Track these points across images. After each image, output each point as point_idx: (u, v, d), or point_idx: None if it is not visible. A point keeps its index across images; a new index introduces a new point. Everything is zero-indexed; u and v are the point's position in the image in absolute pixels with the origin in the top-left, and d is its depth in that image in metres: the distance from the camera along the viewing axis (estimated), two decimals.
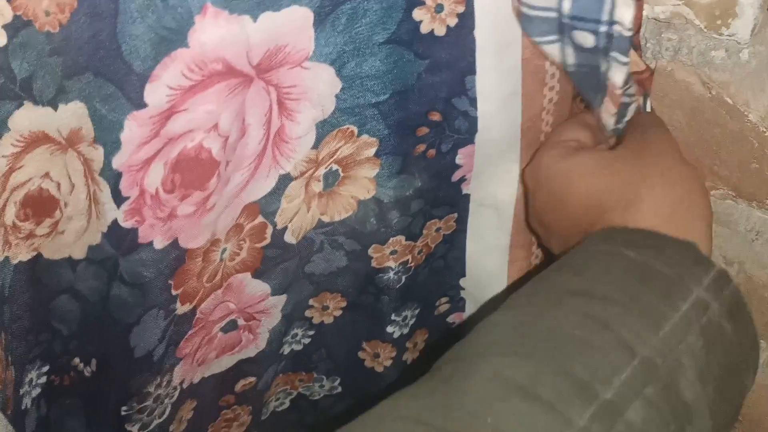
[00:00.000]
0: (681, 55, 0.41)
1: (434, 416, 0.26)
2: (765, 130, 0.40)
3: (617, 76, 0.35)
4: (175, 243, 0.37)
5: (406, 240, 0.43)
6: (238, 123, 0.34)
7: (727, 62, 0.40)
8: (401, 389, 0.29)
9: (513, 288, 0.45)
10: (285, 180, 0.39)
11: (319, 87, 0.35)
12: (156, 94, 0.31)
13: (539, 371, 0.27)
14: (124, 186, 0.33)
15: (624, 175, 0.35)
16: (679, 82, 0.42)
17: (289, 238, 0.41)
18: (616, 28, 0.33)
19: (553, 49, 0.36)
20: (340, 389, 0.51)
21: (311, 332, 0.47)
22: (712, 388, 0.29)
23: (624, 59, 0.34)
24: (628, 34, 0.33)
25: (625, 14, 0.33)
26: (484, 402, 0.27)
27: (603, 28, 0.33)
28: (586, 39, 0.34)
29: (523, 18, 0.35)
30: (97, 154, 0.32)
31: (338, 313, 0.47)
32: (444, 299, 0.48)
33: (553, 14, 0.34)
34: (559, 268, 0.33)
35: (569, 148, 0.38)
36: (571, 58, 0.36)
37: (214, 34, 0.31)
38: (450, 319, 0.50)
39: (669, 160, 0.35)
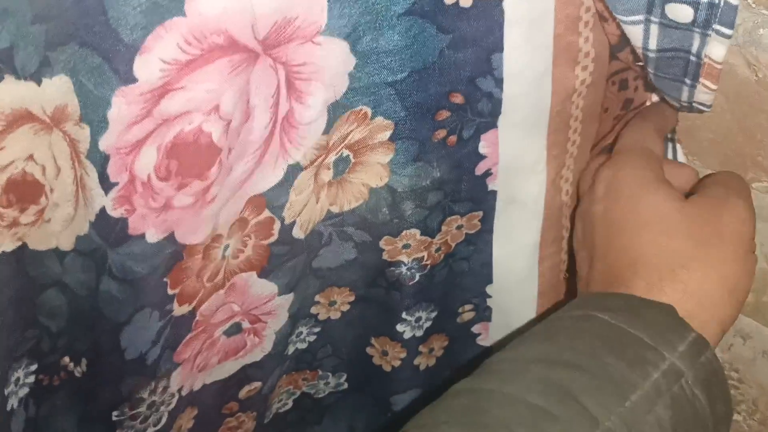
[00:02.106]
0: None
1: None
2: None
3: (717, 50, 0.32)
4: (171, 237, 0.34)
5: (422, 235, 0.40)
6: (241, 105, 0.31)
7: None
8: None
9: (544, 294, 0.44)
10: (294, 170, 0.36)
11: (331, 65, 0.32)
12: (147, 68, 0.28)
13: None
14: (112, 170, 0.30)
15: (688, 241, 0.33)
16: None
17: (298, 233, 0.38)
18: None
19: (635, 31, 0.33)
20: (346, 386, 0.49)
21: (317, 329, 0.45)
22: None
23: (728, 32, 0.31)
24: (736, 2, 0.30)
25: None
26: None
27: None
28: (683, 13, 0.31)
29: None
30: (84, 134, 0.29)
31: (346, 308, 0.44)
32: (468, 306, 0.46)
33: None
34: (531, 335, 0.33)
35: (658, 174, 0.36)
36: (654, 40, 0.33)
37: (215, 2, 0.28)
38: (475, 329, 0.47)
39: (739, 248, 0.34)
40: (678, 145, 0.42)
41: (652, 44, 0.33)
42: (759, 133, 0.40)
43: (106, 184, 0.30)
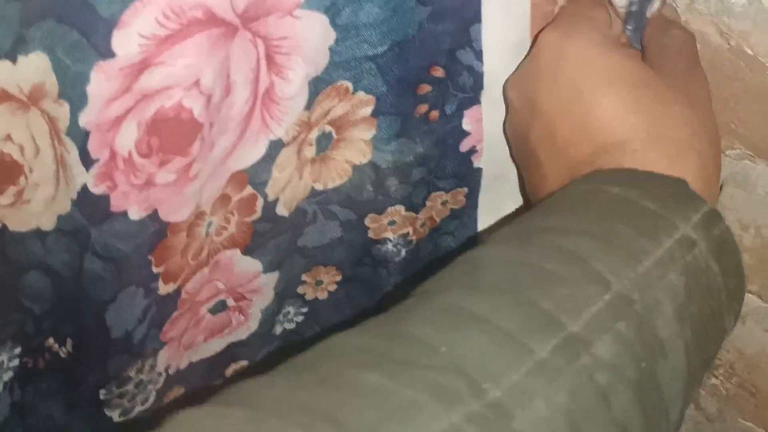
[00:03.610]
0: (697, 3, 0.38)
1: (382, 344, 0.24)
2: None
3: None
4: (154, 215, 0.34)
5: (407, 210, 0.40)
6: (222, 80, 0.31)
7: (748, 9, 0.37)
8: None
9: None
10: (276, 146, 0.36)
11: (311, 39, 0.32)
12: (126, 42, 0.28)
13: (500, 303, 0.25)
14: (92, 146, 0.30)
15: (660, 106, 0.32)
16: (694, 32, 0.39)
17: (282, 210, 0.38)
18: None
19: None
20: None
21: (304, 309, 0.45)
22: (689, 328, 0.27)
23: None
24: None
25: None
26: (439, 331, 0.24)
27: None
28: None
29: None
30: (63, 111, 0.29)
31: (333, 288, 0.44)
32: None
33: None
34: (536, 209, 0.31)
35: (616, 37, 0.34)
36: None
37: None
38: None
39: (707, 109, 0.33)
40: None
41: None
42: (732, 101, 0.40)
43: (87, 161, 0.30)
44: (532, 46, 0.35)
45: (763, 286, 0.44)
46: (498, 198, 0.41)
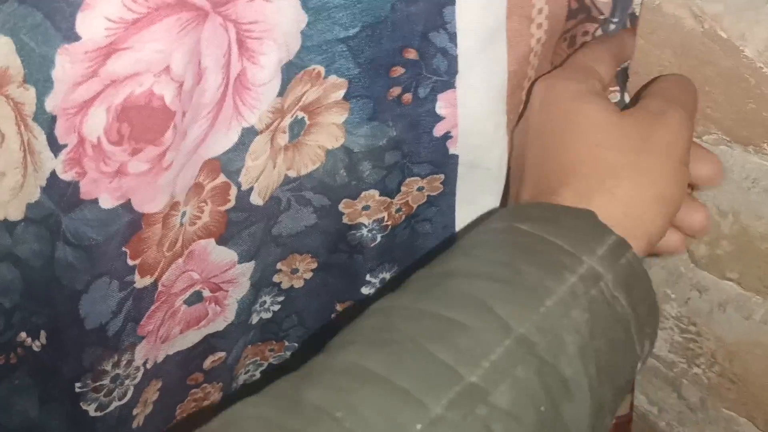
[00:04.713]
0: None
1: (278, 414, 0.25)
2: (762, 66, 0.37)
3: None
4: (127, 205, 0.33)
5: (381, 195, 0.40)
6: (193, 66, 0.31)
7: None
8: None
9: None
10: (249, 134, 0.35)
11: (283, 23, 0.32)
12: (91, 25, 0.27)
13: (399, 358, 0.26)
14: (59, 131, 0.29)
15: (619, 152, 0.33)
16: (667, 16, 0.39)
17: (256, 199, 0.38)
18: None
19: None
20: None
21: (281, 298, 0.44)
22: (594, 364, 0.27)
23: None
24: None
25: None
26: (336, 395, 0.25)
27: None
28: None
29: None
30: (29, 95, 0.28)
31: (308, 275, 0.43)
32: None
33: None
34: (451, 251, 0.32)
35: (592, 87, 0.35)
36: None
37: None
38: None
39: (669, 159, 0.33)
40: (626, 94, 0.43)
41: None
42: (707, 85, 0.40)
43: (55, 146, 0.29)
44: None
45: (742, 274, 0.44)
46: (474, 187, 0.41)
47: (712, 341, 0.48)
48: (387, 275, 0.44)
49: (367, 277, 0.44)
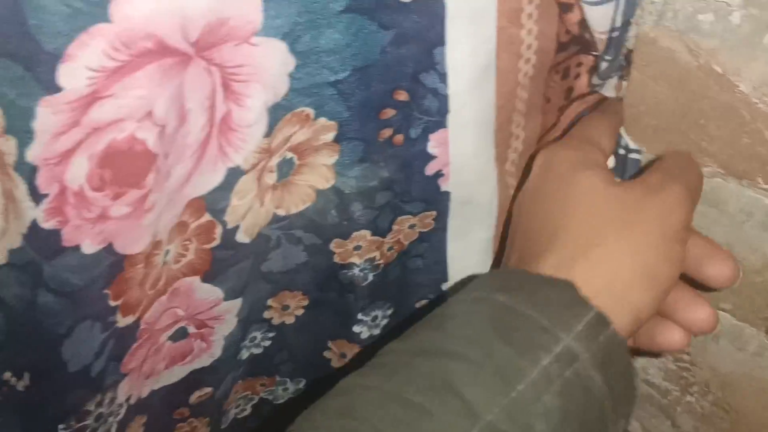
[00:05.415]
0: (665, 20, 0.38)
1: None
2: (757, 101, 0.37)
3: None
4: (109, 248, 0.32)
5: (372, 235, 0.40)
6: (176, 109, 0.30)
7: (716, 27, 0.36)
8: None
9: None
10: (235, 174, 0.34)
11: (270, 66, 0.31)
12: (73, 76, 0.26)
13: None
14: (41, 182, 0.28)
15: (607, 221, 0.32)
16: (663, 50, 0.39)
17: (242, 237, 0.37)
18: None
19: (605, 12, 0.32)
20: (305, 391, 0.48)
21: (271, 334, 0.44)
22: None
23: None
24: None
25: None
26: None
27: None
28: None
29: None
30: (10, 145, 0.27)
31: (300, 312, 0.43)
32: (425, 302, 0.45)
33: None
34: (425, 322, 0.31)
35: (593, 157, 0.35)
36: (621, 18, 0.32)
37: (141, 6, 0.27)
38: None
39: (661, 234, 0.32)
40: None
41: (618, 21, 0.32)
42: (702, 119, 0.40)
43: (36, 196, 0.29)
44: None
45: (735, 305, 0.44)
46: (466, 222, 0.41)
47: (705, 371, 0.48)
48: (379, 313, 0.44)
49: (359, 316, 0.43)
